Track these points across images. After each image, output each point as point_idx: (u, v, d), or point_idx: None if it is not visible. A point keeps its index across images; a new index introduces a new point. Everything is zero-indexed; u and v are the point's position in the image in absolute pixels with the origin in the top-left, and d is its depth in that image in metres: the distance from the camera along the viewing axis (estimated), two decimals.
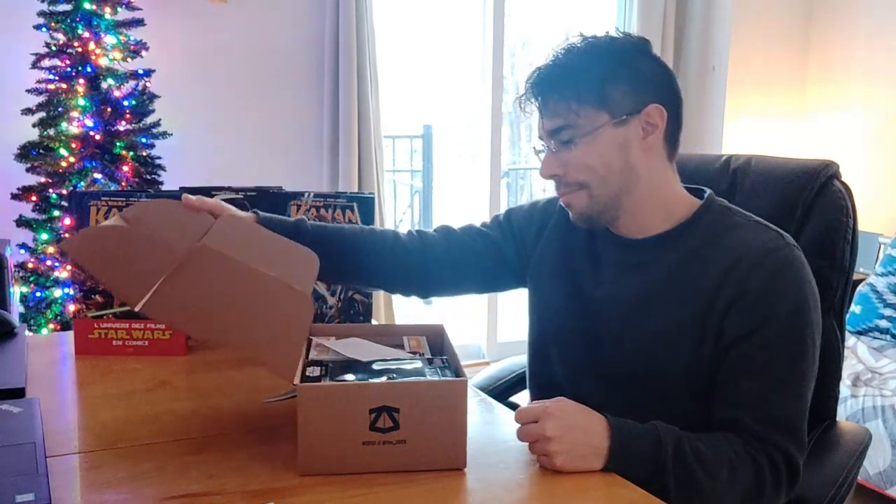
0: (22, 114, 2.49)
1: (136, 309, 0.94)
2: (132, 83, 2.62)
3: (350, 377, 0.98)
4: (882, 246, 3.29)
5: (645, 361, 1.14)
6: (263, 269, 0.94)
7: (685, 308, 1.11)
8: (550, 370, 1.28)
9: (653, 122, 1.13)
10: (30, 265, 2.54)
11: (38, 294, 2.53)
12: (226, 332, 0.95)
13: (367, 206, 1.43)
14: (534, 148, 1.23)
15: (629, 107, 1.12)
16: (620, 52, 1.14)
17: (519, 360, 1.58)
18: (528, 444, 0.99)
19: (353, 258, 1.26)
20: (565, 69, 1.14)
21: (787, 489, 1.07)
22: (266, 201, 1.41)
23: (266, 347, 0.94)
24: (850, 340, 2.82)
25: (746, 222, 1.15)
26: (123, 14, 2.60)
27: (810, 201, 1.29)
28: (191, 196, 1.18)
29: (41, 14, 2.51)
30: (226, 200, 1.40)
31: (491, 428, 1.14)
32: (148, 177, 2.63)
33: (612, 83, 1.12)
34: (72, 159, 2.51)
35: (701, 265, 1.12)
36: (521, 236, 1.33)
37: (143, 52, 2.63)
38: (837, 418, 1.33)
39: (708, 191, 1.20)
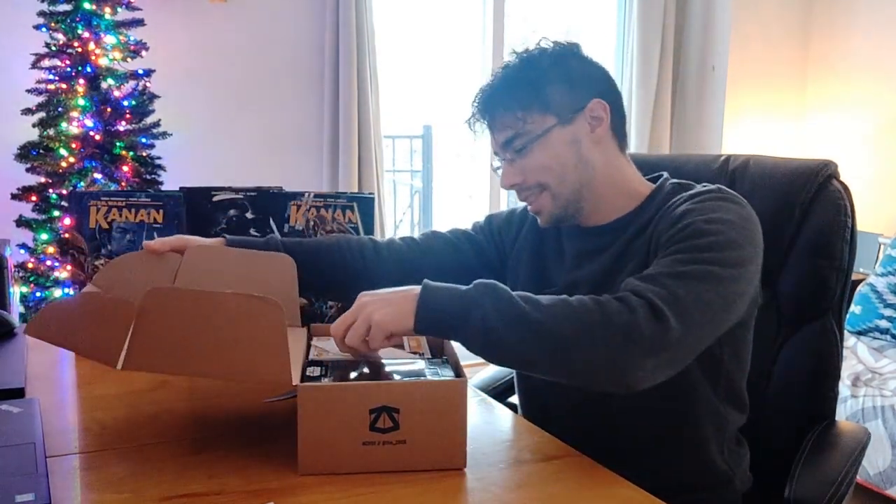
0: (22, 114, 2.49)
1: (118, 368, 0.93)
2: (132, 83, 2.62)
3: (350, 377, 0.98)
4: (882, 246, 3.29)
5: None
6: (220, 290, 0.93)
7: (632, 273, 1.12)
8: None
9: (597, 115, 1.18)
10: (30, 265, 2.54)
11: (38, 294, 2.53)
12: (209, 364, 0.94)
13: (367, 206, 1.43)
14: (491, 165, 1.27)
15: (572, 105, 1.17)
16: (551, 57, 1.19)
17: None
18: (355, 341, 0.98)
19: (330, 271, 1.27)
20: (504, 82, 1.20)
21: (647, 324, 0.93)
22: (266, 201, 1.41)
23: (252, 363, 0.92)
24: (850, 340, 2.83)
25: (691, 189, 1.18)
26: (123, 14, 2.60)
27: (809, 201, 1.29)
28: (151, 242, 1.20)
29: (41, 14, 2.52)
30: (226, 200, 1.41)
31: (491, 428, 1.14)
32: (148, 177, 2.63)
33: (549, 86, 1.17)
34: (72, 159, 2.51)
35: (649, 235, 1.15)
36: (501, 239, 1.36)
37: (143, 52, 2.64)
38: (837, 418, 1.33)
39: (664, 174, 1.24)
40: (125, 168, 2.56)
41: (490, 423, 1.16)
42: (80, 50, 2.52)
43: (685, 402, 1.14)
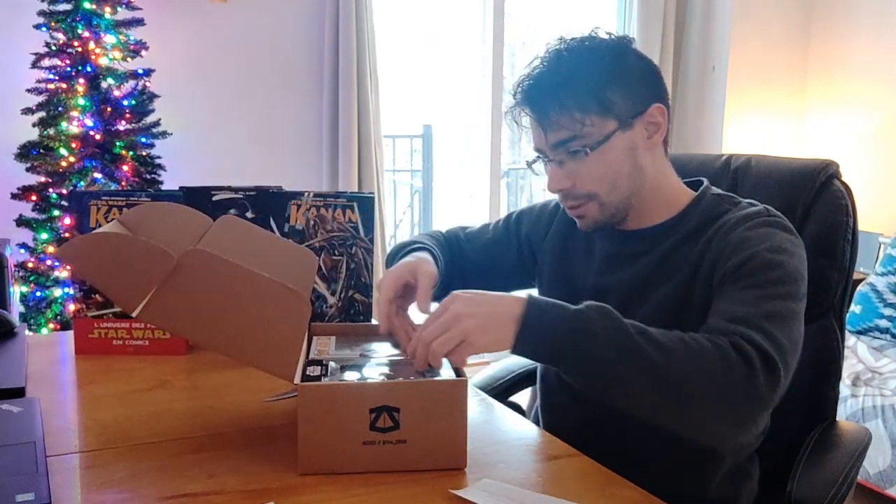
0: (22, 113, 2.49)
1: (133, 315, 0.94)
2: (132, 83, 2.63)
3: (350, 377, 0.98)
4: (882, 246, 3.29)
5: None
6: (258, 271, 0.94)
7: (671, 291, 1.11)
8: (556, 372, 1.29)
9: (656, 121, 1.12)
10: (30, 265, 2.54)
11: (38, 294, 2.53)
12: (222, 337, 0.94)
13: (367, 205, 1.43)
14: (527, 161, 1.20)
15: (632, 109, 1.11)
16: (610, 54, 1.11)
17: (519, 359, 1.58)
18: (444, 351, 0.91)
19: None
20: (560, 77, 1.10)
21: (764, 378, 0.89)
22: (266, 201, 1.41)
23: (263, 349, 0.93)
24: (850, 340, 2.83)
25: (737, 204, 1.15)
26: (123, 14, 2.60)
27: (810, 201, 1.29)
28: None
29: (41, 14, 2.52)
30: (226, 200, 1.40)
31: (491, 428, 1.14)
32: (148, 176, 2.63)
33: (610, 87, 1.09)
34: (72, 159, 2.51)
35: (690, 248, 1.12)
36: (529, 240, 1.34)
37: (143, 52, 2.64)
38: (837, 418, 1.33)
39: (705, 182, 1.21)
40: (125, 168, 2.56)
41: (490, 422, 1.16)
42: (80, 49, 2.52)
43: None
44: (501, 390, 1.52)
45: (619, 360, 0.89)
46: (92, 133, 2.52)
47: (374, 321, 1.45)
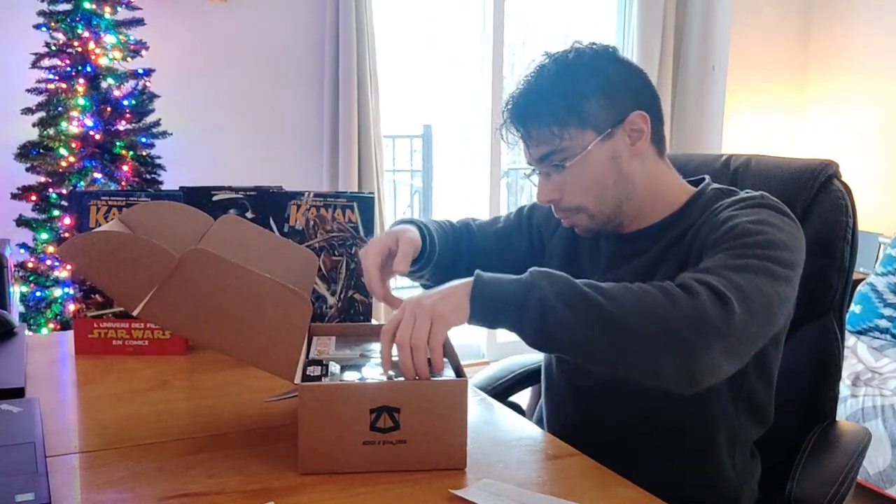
0: (22, 113, 2.49)
1: (134, 314, 0.95)
2: (132, 83, 2.63)
3: (350, 377, 0.98)
4: (882, 246, 3.29)
5: None
6: (259, 271, 0.94)
7: (668, 278, 1.10)
8: (559, 366, 1.29)
9: (637, 128, 1.13)
10: (30, 265, 2.54)
11: (37, 294, 2.53)
12: (223, 337, 0.94)
13: (367, 205, 1.43)
14: (525, 174, 1.23)
15: (611, 118, 1.12)
16: (588, 65, 1.13)
17: (519, 359, 1.59)
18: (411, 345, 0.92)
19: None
20: (538, 94, 1.13)
21: (714, 309, 0.90)
22: (266, 201, 1.41)
23: (264, 350, 0.94)
24: (850, 340, 2.83)
25: (734, 196, 1.15)
26: (123, 13, 2.60)
27: (810, 201, 1.29)
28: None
29: (41, 14, 2.52)
30: (226, 200, 1.40)
31: (491, 428, 1.14)
32: (148, 176, 2.63)
33: (587, 98, 1.11)
34: (72, 159, 2.51)
35: (686, 238, 1.13)
36: (540, 233, 1.35)
37: (143, 52, 2.64)
38: (837, 418, 1.33)
39: (706, 179, 1.22)
40: (125, 168, 2.56)
41: (490, 423, 1.16)
42: (79, 49, 2.52)
43: (702, 414, 1.12)
44: (501, 390, 1.52)
45: (565, 308, 0.92)
46: (92, 133, 2.52)
47: (373, 321, 1.45)
